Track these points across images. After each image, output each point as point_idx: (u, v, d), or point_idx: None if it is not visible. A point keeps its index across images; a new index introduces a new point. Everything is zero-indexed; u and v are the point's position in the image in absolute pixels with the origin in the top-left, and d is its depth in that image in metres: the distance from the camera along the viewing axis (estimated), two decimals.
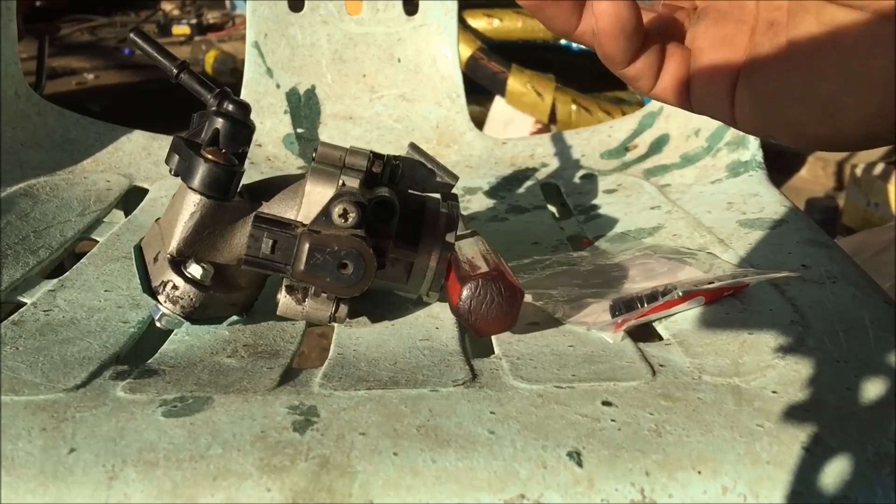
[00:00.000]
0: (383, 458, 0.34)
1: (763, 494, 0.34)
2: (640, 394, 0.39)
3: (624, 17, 0.25)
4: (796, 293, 0.48)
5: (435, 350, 0.44)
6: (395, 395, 0.39)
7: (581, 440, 0.35)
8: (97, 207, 0.66)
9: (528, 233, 0.64)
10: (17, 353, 0.43)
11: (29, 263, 0.55)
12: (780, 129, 0.26)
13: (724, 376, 0.40)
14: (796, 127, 0.25)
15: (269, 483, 0.33)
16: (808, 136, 0.25)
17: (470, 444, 0.35)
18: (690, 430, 0.36)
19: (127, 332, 0.46)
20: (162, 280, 0.44)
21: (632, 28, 0.25)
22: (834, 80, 0.24)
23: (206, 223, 0.44)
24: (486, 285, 0.43)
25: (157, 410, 0.37)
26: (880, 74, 0.23)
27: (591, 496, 0.33)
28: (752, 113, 0.26)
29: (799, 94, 0.25)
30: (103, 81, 2.77)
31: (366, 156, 0.46)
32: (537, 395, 0.38)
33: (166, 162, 0.45)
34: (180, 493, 0.33)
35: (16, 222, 0.61)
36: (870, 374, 0.40)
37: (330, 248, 0.42)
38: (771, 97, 0.25)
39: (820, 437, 0.35)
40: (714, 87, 0.27)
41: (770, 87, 0.25)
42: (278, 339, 0.46)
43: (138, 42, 0.48)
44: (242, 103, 0.46)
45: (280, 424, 0.36)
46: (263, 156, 0.82)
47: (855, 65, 0.23)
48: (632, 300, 0.46)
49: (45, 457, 0.34)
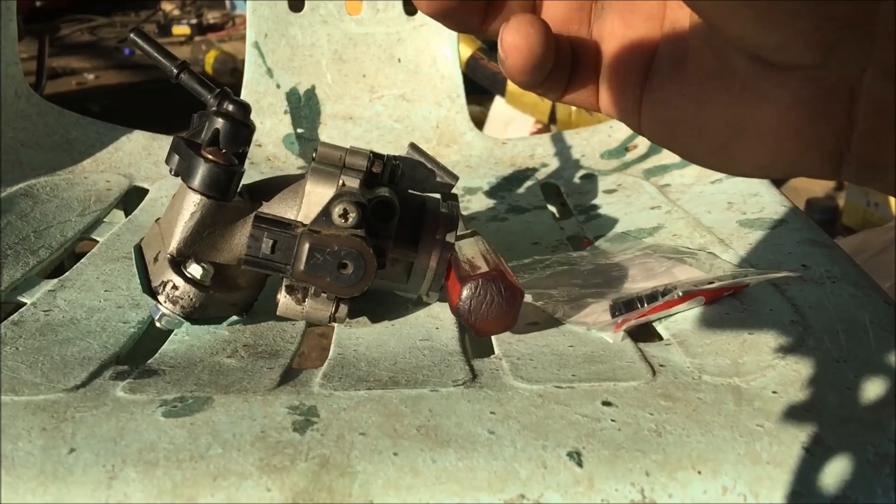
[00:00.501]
0: (383, 458, 0.34)
1: (763, 494, 0.34)
2: (641, 394, 0.39)
3: (536, 53, 0.23)
4: (796, 293, 0.48)
5: (435, 350, 0.44)
6: (395, 395, 0.39)
7: (581, 440, 0.35)
8: (97, 207, 0.66)
9: (528, 233, 0.64)
10: (17, 353, 0.43)
11: (29, 263, 0.55)
12: (679, 151, 0.24)
13: (724, 376, 0.40)
14: (692, 155, 0.24)
15: (269, 483, 0.33)
16: (706, 166, 0.24)
17: (470, 444, 0.35)
18: (690, 430, 0.36)
19: (127, 332, 0.46)
20: (162, 280, 0.44)
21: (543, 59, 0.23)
22: (721, 122, 0.22)
23: (206, 223, 0.44)
24: (486, 285, 0.43)
25: (157, 410, 0.37)
26: (768, 128, 0.21)
27: (591, 496, 0.33)
28: (655, 131, 0.25)
29: (691, 124, 0.23)
30: (103, 81, 2.77)
31: (366, 156, 0.46)
32: (537, 395, 0.38)
33: (166, 162, 0.45)
34: (180, 493, 0.33)
35: (16, 222, 0.61)
36: (870, 374, 0.40)
37: (330, 248, 0.42)
38: (669, 120, 0.24)
39: (820, 437, 0.35)
40: (621, 96, 0.25)
41: (668, 110, 0.24)
42: (278, 339, 0.46)
43: (138, 42, 0.48)
44: (242, 103, 0.46)
45: (280, 424, 0.36)
46: (263, 156, 0.82)
47: (742, 112, 0.21)
48: (632, 300, 0.46)
49: (45, 457, 0.34)
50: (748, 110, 0.21)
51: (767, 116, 0.21)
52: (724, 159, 0.23)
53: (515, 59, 0.23)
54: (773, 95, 0.20)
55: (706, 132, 0.23)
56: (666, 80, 0.23)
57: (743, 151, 0.22)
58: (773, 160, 0.21)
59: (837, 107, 0.20)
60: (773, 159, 0.21)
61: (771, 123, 0.21)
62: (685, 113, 0.23)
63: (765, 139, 0.21)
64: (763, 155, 0.21)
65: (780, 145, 0.21)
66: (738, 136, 0.22)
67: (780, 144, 0.21)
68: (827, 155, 0.20)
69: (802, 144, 0.20)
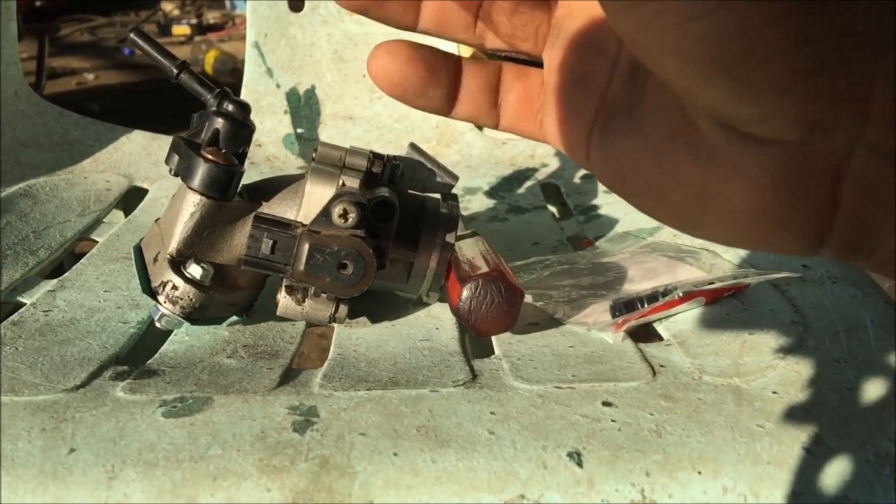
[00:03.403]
0: (383, 458, 0.34)
1: (763, 495, 0.34)
2: (641, 394, 0.39)
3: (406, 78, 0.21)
4: (796, 293, 0.48)
5: (435, 350, 0.44)
6: (395, 395, 0.39)
7: (581, 440, 0.35)
8: (97, 207, 0.66)
9: (528, 233, 0.64)
10: (17, 353, 0.43)
11: (28, 264, 0.55)
12: (636, 206, 0.21)
13: (724, 377, 0.40)
14: (650, 213, 0.21)
15: (268, 483, 0.33)
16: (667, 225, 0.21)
17: (470, 445, 0.35)
18: (691, 430, 0.36)
19: (127, 332, 0.46)
20: (162, 280, 0.43)
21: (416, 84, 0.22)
22: (684, 189, 0.19)
23: (205, 223, 0.44)
24: (486, 285, 0.43)
25: (156, 411, 0.37)
26: (739, 206, 0.18)
27: (592, 496, 0.33)
28: (606, 179, 0.22)
29: (648, 184, 0.20)
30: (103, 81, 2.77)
31: (366, 156, 0.46)
32: (537, 396, 0.38)
33: (166, 162, 0.45)
34: (180, 494, 0.33)
35: (15, 222, 0.61)
36: (870, 374, 0.40)
37: (330, 249, 0.42)
38: (622, 174, 0.21)
39: (820, 437, 0.35)
40: (567, 132, 0.22)
41: (621, 164, 0.21)
42: (278, 339, 0.46)
43: (138, 42, 0.47)
44: (242, 103, 0.46)
45: (280, 425, 0.36)
46: (263, 156, 0.82)
47: (709, 183, 0.18)
48: (632, 300, 0.46)
49: (44, 457, 0.34)
50: (716, 182, 0.18)
51: (739, 193, 0.18)
52: (687, 226, 0.20)
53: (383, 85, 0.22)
54: (746, 170, 0.18)
55: (666, 196, 0.20)
56: (620, 128, 0.21)
57: (708, 223, 0.19)
58: (743, 235, 0.19)
59: (820, 187, 0.17)
60: (743, 235, 0.19)
61: (742, 201, 0.18)
62: (641, 171, 0.20)
63: (734, 215, 0.18)
64: (732, 230, 0.19)
65: (752, 223, 0.18)
66: (703, 207, 0.19)
67: (752, 223, 0.18)
68: (805, 236, 0.18)
69: (778, 225, 0.18)
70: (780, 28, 0.15)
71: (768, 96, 0.16)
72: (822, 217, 0.17)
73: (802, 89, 0.15)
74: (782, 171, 0.17)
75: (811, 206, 0.17)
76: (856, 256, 0.18)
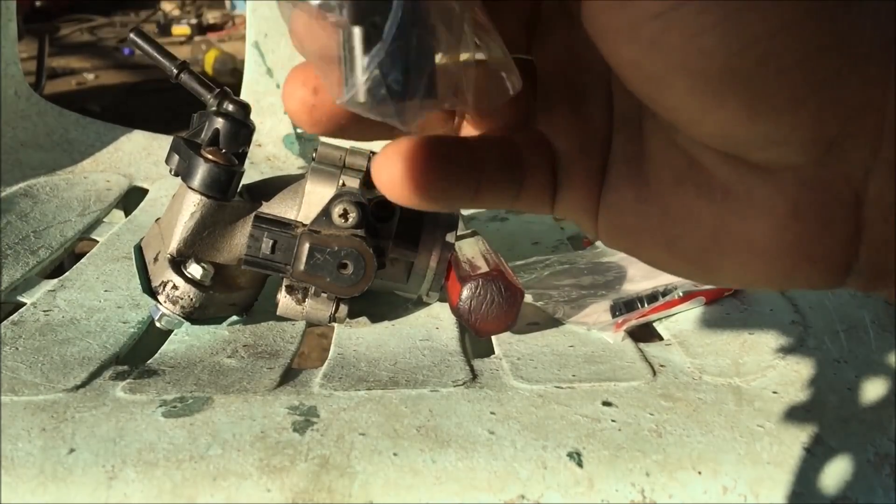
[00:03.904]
0: (383, 458, 0.34)
1: (763, 495, 0.34)
2: (641, 394, 0.39)
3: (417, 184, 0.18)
4: (796, 293, 0.48)
5: (435, 350, 0.44)
6: (395, 395, 0.39)
7: (581, 440, 0.35)
8: (97, 207, 0.66)
9: (528, 233, 0.64)
10: (17, 353, 0.43)
11: (29, 263, 0.55)
12: (646, 262, 0.20)
13: (724, 376, 0.40)
14: (663, 267, 0.20)
15: (268, 483, 0.33)
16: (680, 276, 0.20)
17: (470, 445, 0.35)
18: (691, 430, 0.36)
19: (127, 332, 0.46)
20: (162, 280, 0.43)
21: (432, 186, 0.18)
22: (697, 235, 0.18)
23: (206, 223, 0.44)
24: (486, 285, 0.43)
25: (156, 411, 0.37)
26: (760, 243, 0.17)
27: (592, 496, 0.33)
28: (613, 239, 0.20)
29: (656, 235, 0.19)
30: (103, 81, 2.77)
31: (366, 156, 0.46)
32: (537, 396, 0.38)
33: (166, 162, 0.45)
34: (180, 494, 0.33)
35: (16, 222, 0.61)
36: (870, 374, 0.40)
37: (330, 248, 0.42)
38: (628, 229, 0.19)
39: (820, 437, 0.35)
40: (578, 199, 0.20)
41: (626, 217, 0.19)
42: (278, 339, 0.46)
43: (138, 42, 0.47)
44: (242, 103, 0.46)
45: (280, 425, 0.36)
46: (263, 156, 0.82)
47: (724, 223, 0.17)
48: (632, 300, 0.46)
49: (44, 457, 0.34)
50: (732, 221, 0.17)
51: (758, 229, 0.17)
52: (701, 273, 0.19)
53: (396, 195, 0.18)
54: (763, 203, 0.17)
55: (680, 245, 0.18)
56: (621, 181, 0.19)
57: (727, 266, 0.18)
58: (765, 275, 0.17)
59: (843, 212, 0.16)
60: (765, 275, 0.17)
61: (763, 237, 0.17)
62: (650, 222, 0.19)
63: (755, 254, 0.17)
64: (753, 271, 0.17)
65: (775, 261, 0.17)
66: (719, 250, 0.18)
67: (775, 260, 0.17)
68: (831, 268, 0.17)
69: (803, 259, 0.17)
70: (790, 35, 0.14)
71: (784, 110, 0.15)
72: (849, 244, 0.16)
73: (818, 100, 0.15)
74: (802, 200, 0.16)
75: (837, 234, 0.16)
76: (883, 283, 0.17)
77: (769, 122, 0.15)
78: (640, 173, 0.19)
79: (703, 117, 0.16)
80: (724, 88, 0.15)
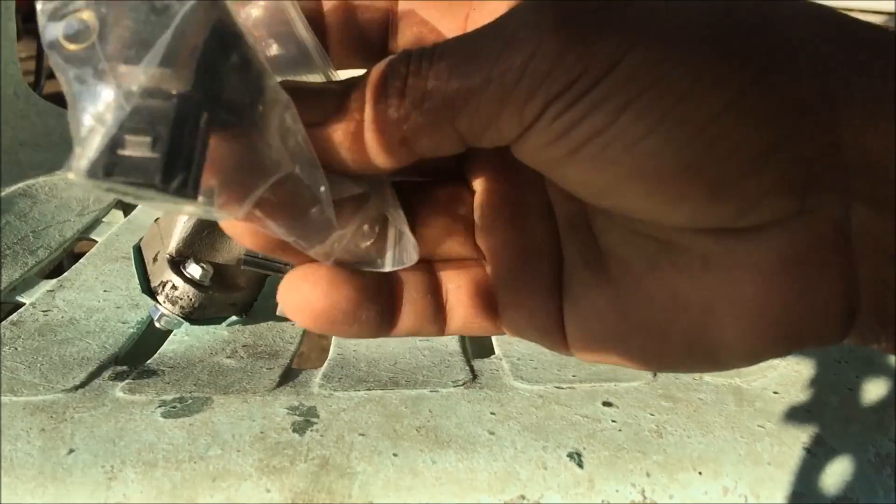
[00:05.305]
0: (383, 458, 0.34)
1: (764, 495, 0.34)
2: (641, 394, 0.39)
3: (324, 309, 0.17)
4: None
5: (435, 350, 0.44)
6: (395, 395, 0.38)
7: (582, 441, 0.35)
8: (96, 207, 0.66)
9: None
10: (17, 353, 0.43)
11: (28, 263, 0.55)
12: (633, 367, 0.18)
13: (725, 377, 0.40)
14: (654, 367, 0.18)
15: (268, 484, 0.33)
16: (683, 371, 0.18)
17: (470, 445, 0.35)
18: (691, 430, 0.36)
19: (126, 332, 0.46)
20: (161, 280, 0.43)
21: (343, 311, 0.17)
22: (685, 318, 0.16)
23: (205, 223, 0.44)
24: None
25: (156, 411, 0.37)
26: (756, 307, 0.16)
27: (592, 497, 0.33)
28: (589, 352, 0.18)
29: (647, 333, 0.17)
30: None
31: None
32: (538, 396, 0.38)
33: None
34: (179, 494, 0.33)
35: (14, 222, 0.61)
36: (871, 374, 0.40)
37: None
38: (611, 336, 0.18)
39: (821, 437, 0.35)
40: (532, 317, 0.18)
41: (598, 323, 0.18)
42: (278, 339, 0.46)
43: None
44: None
45: (279, 425, 0.36)
46: None
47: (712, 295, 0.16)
48: None
49: (44, 457, 0.34)
50: (721, 290, 0.16)
51: (750, 290, 0.16)
52: (704, 357, 0.17)
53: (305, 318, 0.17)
54: (750, 262, 0.15)
55: (669, 335, 0.17)
56: (587, 287, 0.18)
57: (729, 341, 0.16)
58: (771, 340, 0.16)
59: (833, 256, 0.15)
60: (771, 339, 0.16)
61: (757, 297, 0.16)
62: (630, 320, 0.17)
63: (755, 318, 0.16)
64: (757, 338, 0.16)
65: (778, 321, 0.16)
66: (717, 324, 0.16)
67: (777, 321, 0.16)
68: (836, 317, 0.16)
69: (806, 311, 0.16)
70: (734, 112, 0.14)
71: (747, 181, 0.14)
72: (848, 287, 0.15)
73: (777, 161, 0.14)
74: (789, 251, 0.15)
75: (832, 278, 0.15)
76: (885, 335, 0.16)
77: (735, 197, 0.15)
78: (604, 273, 0.18)
79: (669, 211, 0.15)
80: (681, 183, 0.14)
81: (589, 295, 0.18)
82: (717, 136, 0.14)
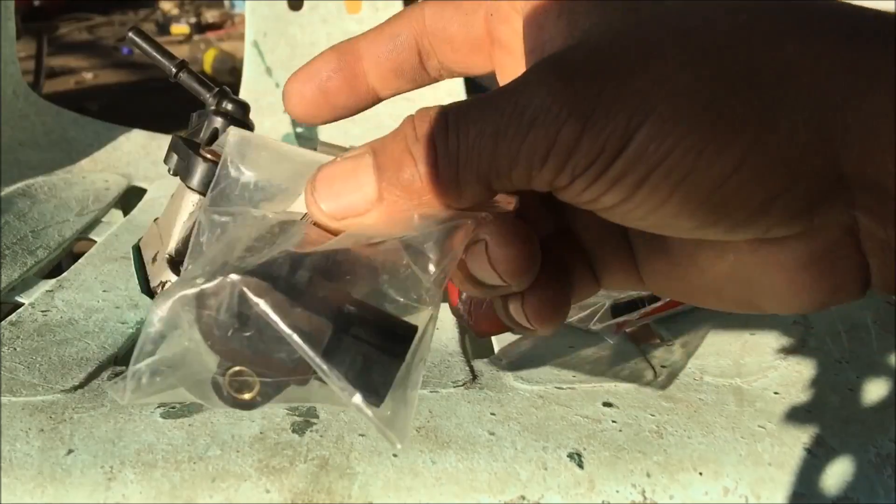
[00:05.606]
0: (383, 459, 0.34)
1: (765, 496, 0.33)
2: (642, 395, 0.38)
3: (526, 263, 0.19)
4: None
5: (435, 350, 0.44)
6: None
7: (582, 441, 0.35)
8: (95, 207, 0.66)
9: None
10: (16, 353, 0.42)
11: (27, 263, 0.55)
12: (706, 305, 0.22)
13: (725, 377, 0.40)
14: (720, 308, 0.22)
15: (268, 484, 0.33)
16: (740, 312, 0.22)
17: (470, 446, 0.35)
18: (692, 431, 0.36)
19: (125, 332, 0.46)
20: (161, 280, 0.43)
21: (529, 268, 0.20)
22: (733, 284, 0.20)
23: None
24: None
25: (155, 411, 0.37)
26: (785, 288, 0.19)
27: (592, 497, 0.33)
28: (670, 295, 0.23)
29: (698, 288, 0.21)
30: (102, 81, 2.77)
31: None
32: (538, 396, 0.38)
33: (165, 161, 0.44)
34: (179, 495, 0.33)
35: (14, 222, 0.61)
36: (872, 374, 0.40)
37: None
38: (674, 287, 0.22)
39: (822, 438, 0.35)
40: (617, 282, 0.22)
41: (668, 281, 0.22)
42: None
43: (137, 41, 0.47)
44: (241, 102, 0.46)
45: (279, 425, 0.36)
46: None
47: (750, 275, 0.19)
48: (633, 301, 0.46)
49: (43, 458, 0.34)
50: (756, 274, 0.19)
51: (778, 279, 0.19)
52: (752, 309, 0.21)
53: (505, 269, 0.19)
54: (775, 260, 0.19)
55: (723, 294, 0.21)
56: (651, 259, 0.22)
57: (769, 303, 0.20)
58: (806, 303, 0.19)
59: (847, 252, 0.18)
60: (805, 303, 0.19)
61: (784, 284, 0.19)
62: (690, 282, 0.21)
63: (786, 294, 0.19)
64: (792, 306, 0.20)
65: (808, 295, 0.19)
66: (756, 293, 0.20)
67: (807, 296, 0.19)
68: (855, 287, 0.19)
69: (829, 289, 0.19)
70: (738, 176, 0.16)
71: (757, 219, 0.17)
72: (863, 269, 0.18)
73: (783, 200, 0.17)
74: (805, 255, 0.18)
75: (849, 268, 0.18)
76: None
77: (747, 231, 0.18)
78: (663, 248, 0.21)
79: (704, 232, 0.18)
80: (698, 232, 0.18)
81: (654, 263, 0.21)
82: (724, 197, 0.17)
